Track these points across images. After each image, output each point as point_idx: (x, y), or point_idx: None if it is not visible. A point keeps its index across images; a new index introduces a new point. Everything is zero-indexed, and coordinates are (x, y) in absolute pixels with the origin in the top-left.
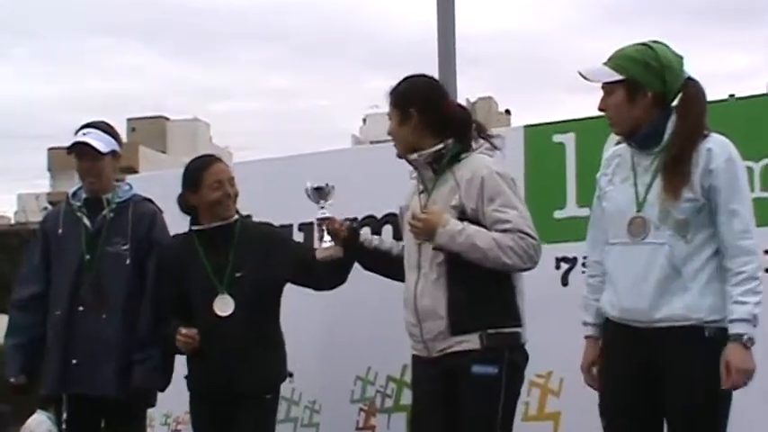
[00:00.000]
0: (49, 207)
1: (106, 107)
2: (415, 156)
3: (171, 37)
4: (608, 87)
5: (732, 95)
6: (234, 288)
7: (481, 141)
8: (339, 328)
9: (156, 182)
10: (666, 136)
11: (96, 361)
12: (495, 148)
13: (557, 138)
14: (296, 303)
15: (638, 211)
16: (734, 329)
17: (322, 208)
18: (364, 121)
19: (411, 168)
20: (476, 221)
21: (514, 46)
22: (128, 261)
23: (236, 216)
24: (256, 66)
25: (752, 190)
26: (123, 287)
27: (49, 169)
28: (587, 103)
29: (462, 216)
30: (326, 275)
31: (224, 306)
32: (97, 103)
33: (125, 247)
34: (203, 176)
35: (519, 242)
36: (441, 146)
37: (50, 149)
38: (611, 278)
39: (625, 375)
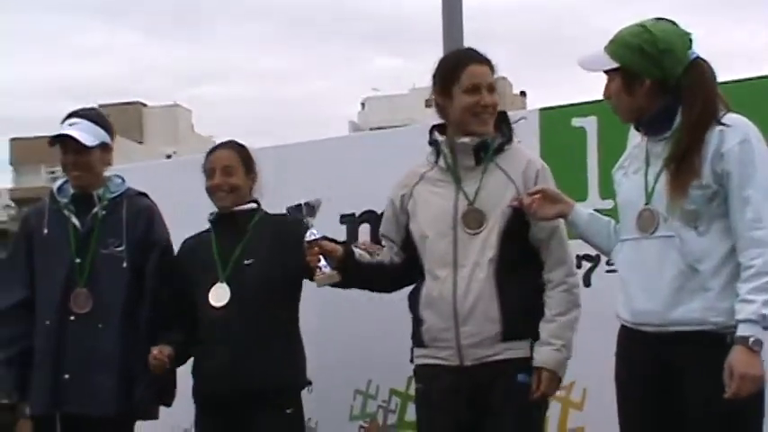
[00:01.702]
0: (12, 204)
1: (75, 92)
2: (466, 140)
3: (148, 12)
4: (609, 74)
5: None
6: (239, 277)
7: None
8: (335, 338)
9: (133, 176)
10: (676, 121)
11: (92, 375)
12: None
13: (576, 122)
14: None
15: (647, 203)
16: (739, 331)
17: (310, 227)
18: (363, 105)
19: (430, 150)
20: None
21: (531, 21)
22: (124, 264)
23: (252, 205)
24: (244, 45)
25: None
26: (120, 293)
27: (12, 163)
28: None
29: (518, 214)
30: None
31: (219, 296)
32: (65, 87)
33: (120, 249)
34: (205, 164)
35: (572, 291)
36: (489, 134)
37: (12, 140)
38: (622, 279)
39: (641, 389)
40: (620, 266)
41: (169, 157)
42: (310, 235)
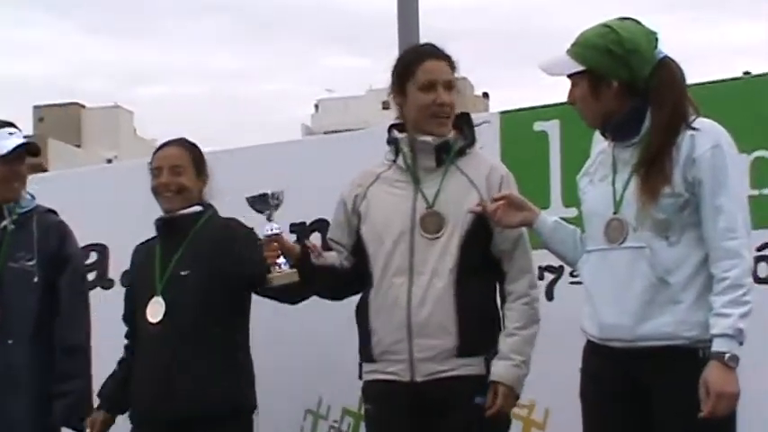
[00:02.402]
0: None
1: (6, 92)
2: (428, 139)
3: (88, 7)
4: (573, 78)
5: (747, 73)
6: (174, 289)
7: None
8: (282, 353)
9: (70, 182)
10: (645, 125)
11: (1, 396)
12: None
13: (538, 126)
14: None
15: (616, 211)
16: (714, 346)
17: (270, 220)
18: (317, 107)
19: (388, 149)
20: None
21: (494, 19)
22: (35, 279)
23: (197, 208)
24: (191, 43)
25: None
26: (32, 308)
27: None
28: None
29: (480, 220)
30: (296, 287)
31: (156, 311)
32: None
33: (31, 263)
34: (152, 162)
35: (533, 305)
36: (450, 135)
37: None
38: (589, 292)
39: (609, 407)
40: (587, 279)
41: (110, 161)
42: (270, 229)
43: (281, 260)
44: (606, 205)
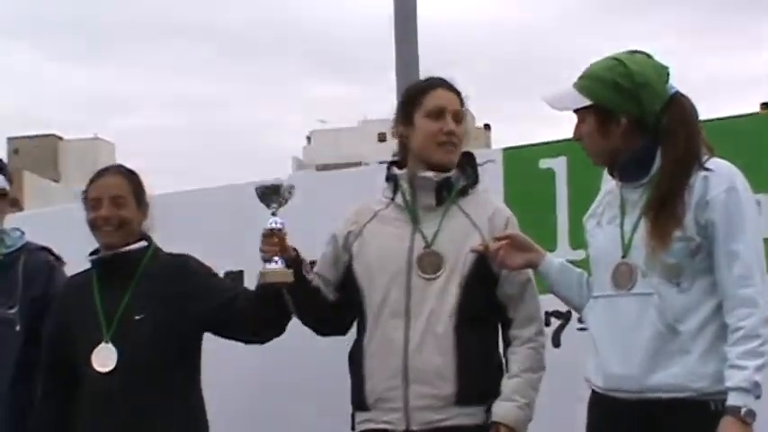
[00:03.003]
0: None
1: None
2: (429, 174)
3: (64, 34)
4: (580, 113)
5: (765, 104)
6: (129, 336)
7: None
8: (271, 403)
9: (47, 221)
10: (655, 165)
11: None
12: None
13: (544, 163)
14: (213, 359)
15: (624, 256)
16: (730, 400)
17: (274, 214)
18: (309, 139)
19: (385, 186)
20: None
21: (496, 44)
22: (17, 327)
23: (142, 243)
24: (175, 70)
25: None
26: (11, 360)
27: None
28: None
29: (482, 261)
30: (259, 322)
31: (105, 359)
32: None
33: (13, 311)
34: (87, 193)
35: (540, 351)
36: (452, 173)
37: None
38: (595, 340)
39: None
40: (593, 326)
41: None
42: (274, 222)
43: (277, 258)
44: (614, 248)
